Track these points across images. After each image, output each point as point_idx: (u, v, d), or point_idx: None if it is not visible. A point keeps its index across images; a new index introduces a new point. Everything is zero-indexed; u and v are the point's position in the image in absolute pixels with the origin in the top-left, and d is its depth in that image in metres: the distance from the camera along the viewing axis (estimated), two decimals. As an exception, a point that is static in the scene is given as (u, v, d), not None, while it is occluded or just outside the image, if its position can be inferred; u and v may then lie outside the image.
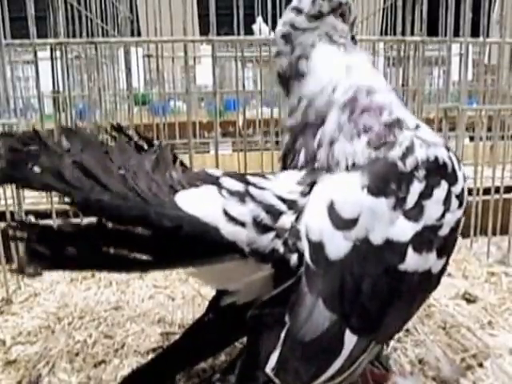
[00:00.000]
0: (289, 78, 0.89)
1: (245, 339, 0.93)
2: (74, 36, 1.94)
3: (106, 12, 2.42)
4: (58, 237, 0.64)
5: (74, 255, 0.63)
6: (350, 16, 0.92)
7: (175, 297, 1.43)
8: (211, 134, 3.60)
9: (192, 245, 0.66)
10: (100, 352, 1.11)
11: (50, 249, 0.62)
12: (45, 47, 1.90)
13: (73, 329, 1.23)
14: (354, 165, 0.78)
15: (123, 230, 0.64)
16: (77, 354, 1.10)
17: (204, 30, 1.83)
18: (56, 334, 1.20)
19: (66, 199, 0.63)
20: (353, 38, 0.94)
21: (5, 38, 1.43)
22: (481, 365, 1.04)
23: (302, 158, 0.84)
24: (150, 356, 1.08)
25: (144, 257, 0.65)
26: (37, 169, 0.64)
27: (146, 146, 0.81)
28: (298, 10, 0.88)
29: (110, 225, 0.64)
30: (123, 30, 2.72)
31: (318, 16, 0.88)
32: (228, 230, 0.68)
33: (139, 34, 3.51)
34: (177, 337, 0.97)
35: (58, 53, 1.76)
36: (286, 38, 0.88)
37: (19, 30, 1.63)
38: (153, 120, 2.88)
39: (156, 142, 0.82)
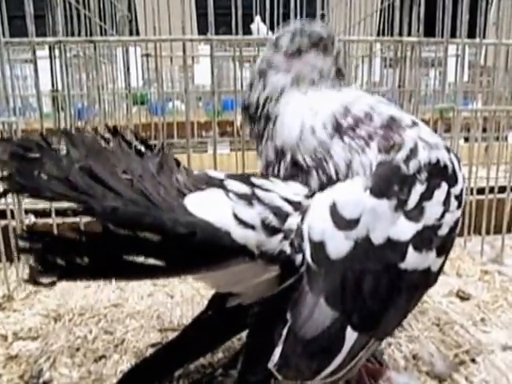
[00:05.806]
0: (255, 117, 0.89)
1: (243, 335, 0.95)
2: (72, 35, 1.95)
3: (105, 11, 2.44)
4: (70, 245, 0.62)
5: (88, 264, 0.61)
6: (333, 49, 0.90)
7: (174, 295, 1.44)
8: (209, 134, 3.61)
9: (204, 250, 0.66)
10: (100, 347, 1.13)
11: (63, 258, 0.60)
12: (43, 46, 1.91)
13: (73, 325, 1.24)
14: None
15: (135, 237, 0.62)
16: (77, 350, 1.11)
17: (202, 29, 1.84)
18: (57, 330, 1.22)
19: (79, 208, 0.60)
20: (339, 70, 0.92)
21: (3, 36, 1.44)
22: (473, 360, 1.06)
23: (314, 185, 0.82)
24: (150, 351, 1.10)
25: (156, 263, 0.64)
26: (44, 176, 0.61)
27: (144, 149, 0.78)
28: (277, 47, 0.88)
29: (121, 231, 0.61)
30: (122, 28, 2.73)
31: (297, 53, 0.87)
32: (239, 234, 0.68)
33: (138, 33, 3.52)
34: (175, 333, 0.99)
35: (56, 51, 1.77)
36: (261, 74, 0.88)
37: (18, 29, 1.63)
38: (151, 119, 2.89)
39: (156, 144, 0.80)
